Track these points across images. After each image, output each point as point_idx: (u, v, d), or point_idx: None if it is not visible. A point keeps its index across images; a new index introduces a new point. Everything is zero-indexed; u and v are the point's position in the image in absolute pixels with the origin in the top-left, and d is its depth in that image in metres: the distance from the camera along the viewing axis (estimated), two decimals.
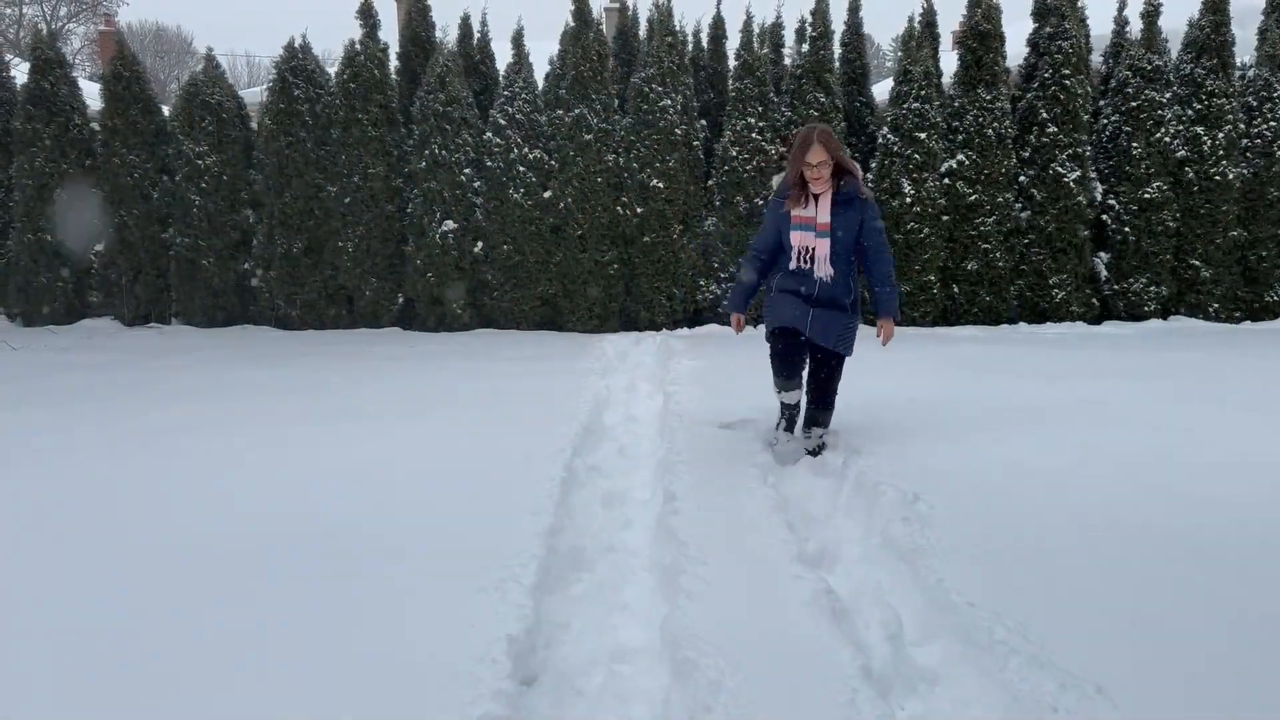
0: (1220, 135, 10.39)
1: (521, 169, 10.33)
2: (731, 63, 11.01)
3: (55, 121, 11.21)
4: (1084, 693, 2.44)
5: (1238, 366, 7.49)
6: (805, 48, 10.63)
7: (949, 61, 11.30)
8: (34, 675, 2.67)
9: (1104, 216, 10.55)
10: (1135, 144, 10.35)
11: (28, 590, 3.26)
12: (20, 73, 12.43)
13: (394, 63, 11.39)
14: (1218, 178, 10.37)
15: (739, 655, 2.74)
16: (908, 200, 10.07)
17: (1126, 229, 10.42)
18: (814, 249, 4.47)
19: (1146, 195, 10.33)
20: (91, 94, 12.46)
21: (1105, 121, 10.70)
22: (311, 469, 4.66)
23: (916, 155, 10.12)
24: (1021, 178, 10.44)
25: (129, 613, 3.04)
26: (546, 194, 10.37)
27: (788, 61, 11.51)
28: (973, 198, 10.21)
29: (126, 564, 3.46)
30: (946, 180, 10.26)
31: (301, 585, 3.23)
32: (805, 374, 4.83)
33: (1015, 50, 10.79)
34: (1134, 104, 10.39)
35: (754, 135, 10.34)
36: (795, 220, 4.50)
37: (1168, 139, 10.39)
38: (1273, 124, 10.59)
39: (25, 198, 11.17)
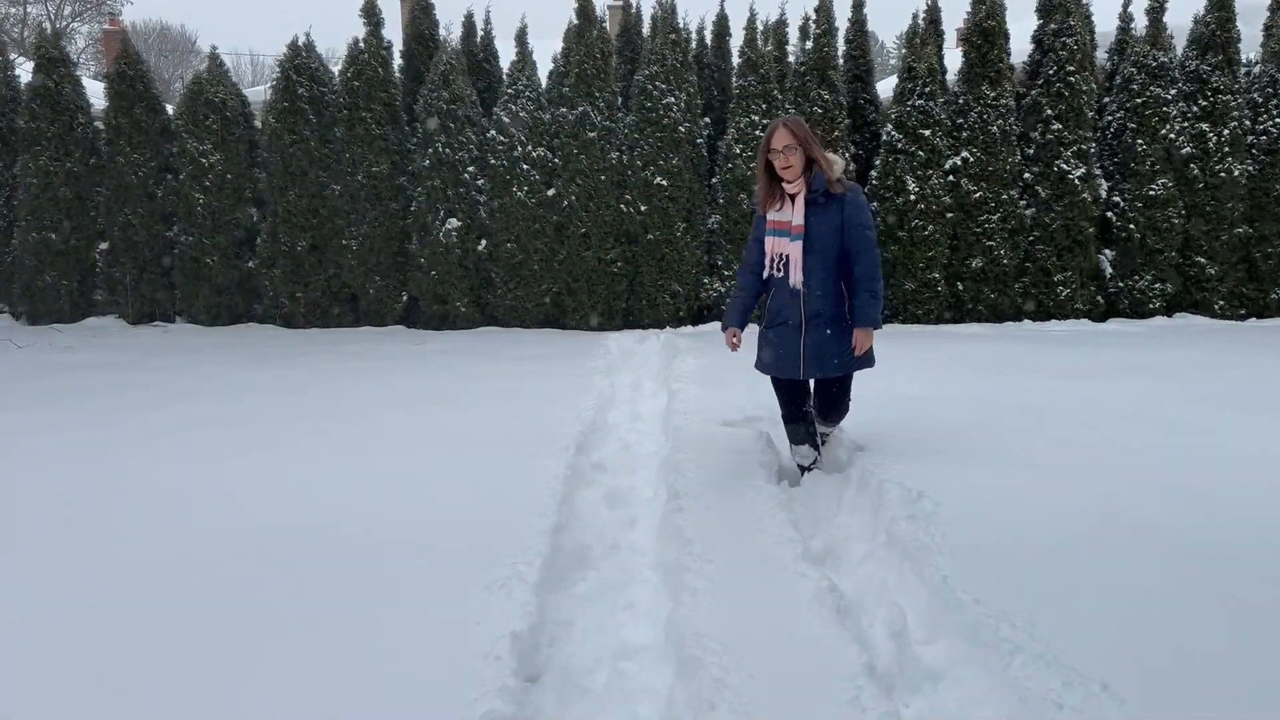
0: (1225, 132, 10.36)
1: (525, 167, 10.33)
2: (735, 60, 10.98)
3: (60, 120, 11.23)
4: (1089, 690, 2.44)
5: (1242, 364, 7.47)
6: (809, 45, 10.61)
7: (953, 58, 11.28)
8: (34, 675, 2.67)
9: (1109, 214, 10.52)
10: (1140, 141, 10.32)
11: (27, 590, 3.26)
12: (25, 71, 12.46)
13: (397, 61, 11.40)
14: (1223, 174, 10.34)
15: (743, 653, 2.74)
16: (912, 198, 10.05)
17: (1131, 226, 10.39)
18: (787, 255, 4.09)
19: (1151, 192, 10.30)
20: (96, 93, 12.49)
21: (1110, 118, 10.67)
22: (315, 468, 4.67)
23: (921, 152, 10.09)
24: (1026, 175, 10.41)
25: (130, 612, 3.05)
26: (550, 192, 10.37)
27: (791, 59, 11.48)
28: (977, 195, 10.19)
29: (127, 564, 3.46)
30: (951, 177, 10.24)
31: (304, 584, 3.24)
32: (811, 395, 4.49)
33: (1020, 47, 10.76)
34: (1139, 101, 10.36)
35: (758, 133, 10.32)
36: (771, 225, 4.12)
37: (1173, 136, 10.36)
38: (1278, 120, 10.55)
39: (29, 196, 11.19)
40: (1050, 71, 10.30)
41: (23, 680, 2.64)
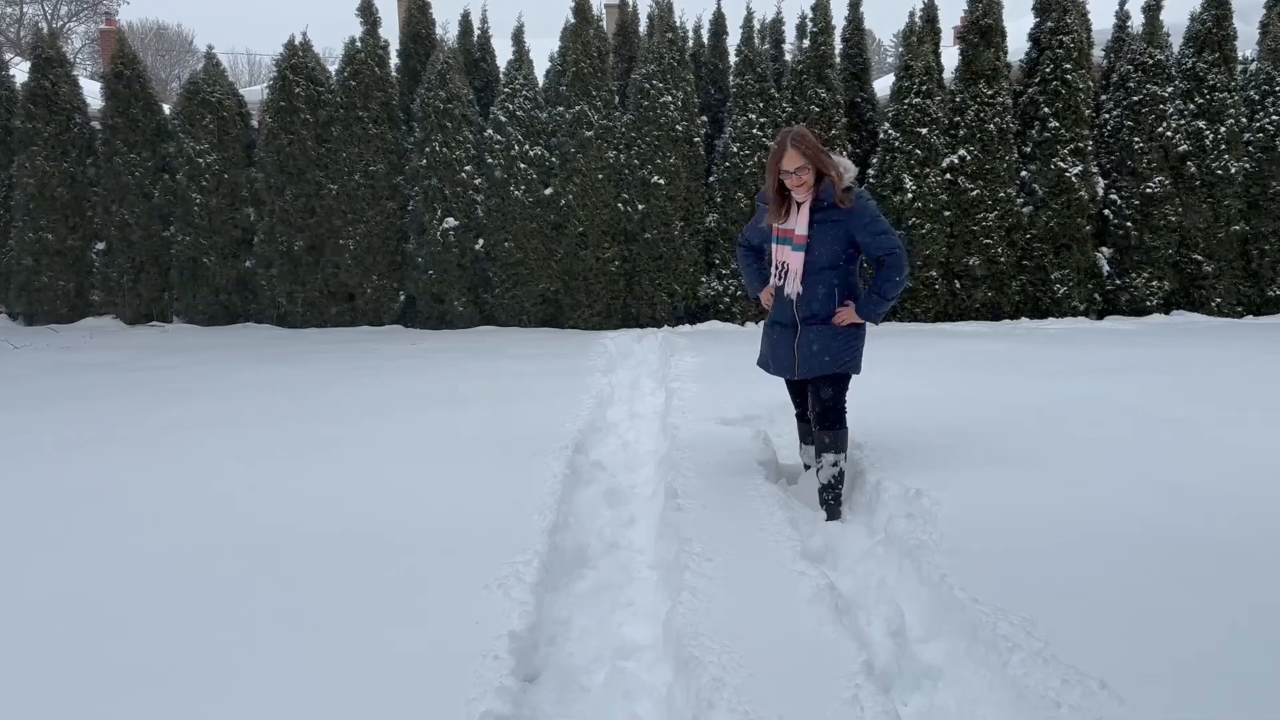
0: (1222, 129, 10.37)
1: (522, 166, 10.32)
2: (732, 58, 10.99)
3: (56, 120, 11.22)
4: (1088, 688, 2.44)
5: (1240, 361, 7.48)
6: (806, 43, 10.62)
7: (950, 57, 11.28)
8: (32, 675, 2.67)
9: (1106, 211, 10.54)
10: (1137, 138, 10.33)
11: (25, 590, 3.26)
12: (21, 71, 12.43)
13: (394, 60, 11.39)
14: (1220, 172, 10.36)
15: (742, 651, 2.74)
16: (909, 196, 10.05)
17: (1128, 224, 10.40)
18: (787, 264, 4.08)
19: (1148, 190, 10.31)
20: (92, 93, 12.47)
21: (1107, 116, 10.67)
22: (312, 468, 4.66)
23: (918, 150, 10.10)
24: (1023, 173, 10.42)
25: (129, 612, 3.04)
26: (548, 191, 10.36)
27: (789, 57, 11.49)
28: (974, 193, 10.20)
29: (126, 564, 3.46)
30: (948, 175, 10.25)
31: (302, 583, 3.23)
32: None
33: (1017, 45, 10.77)
34: (1136, 98, 10.37)
35: (755, 131, 10.32)
36: (776, 233, 4.12)
37: (1170, 133, 10.37)
38: (1275, 118, 10.56)
39: (26, 196, 11.17)
40: (1047, 69, 10.31)
41: (20, 680, 2.63)
